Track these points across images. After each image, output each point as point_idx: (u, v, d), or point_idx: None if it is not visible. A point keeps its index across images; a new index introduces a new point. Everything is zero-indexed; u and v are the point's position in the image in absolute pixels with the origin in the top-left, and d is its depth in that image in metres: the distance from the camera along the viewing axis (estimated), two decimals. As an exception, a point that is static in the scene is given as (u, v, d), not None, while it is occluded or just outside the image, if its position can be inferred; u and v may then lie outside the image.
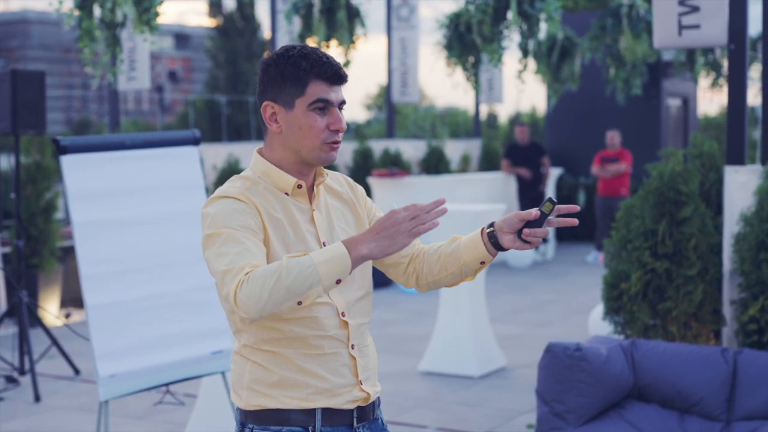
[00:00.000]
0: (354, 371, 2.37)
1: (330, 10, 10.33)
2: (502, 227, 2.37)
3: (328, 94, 2.31)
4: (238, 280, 2.12)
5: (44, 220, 8.97)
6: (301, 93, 2.30)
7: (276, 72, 2.32)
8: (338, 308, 2.35)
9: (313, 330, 2.30)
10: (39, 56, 47.68)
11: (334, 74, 2.31)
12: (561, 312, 9.38)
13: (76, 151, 4.73)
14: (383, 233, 2.16)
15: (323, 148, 2.32)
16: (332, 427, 2.34)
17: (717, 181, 5.00)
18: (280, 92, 2.32)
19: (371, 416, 2.44)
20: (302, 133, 2.31)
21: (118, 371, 4.65)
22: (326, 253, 2.13)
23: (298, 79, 2.29)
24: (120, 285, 4.72)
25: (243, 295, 2.10)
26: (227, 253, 2.18)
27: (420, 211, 2.18)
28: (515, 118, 24.50)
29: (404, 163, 13.19)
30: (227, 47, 31.94)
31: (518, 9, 10.50)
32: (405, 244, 2.17)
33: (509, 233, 2.36)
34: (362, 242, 2.15)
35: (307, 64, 2.29)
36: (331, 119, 2.32)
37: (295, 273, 2.09)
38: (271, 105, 2.34)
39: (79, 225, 4.66)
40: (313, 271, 2.10)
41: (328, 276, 2.12)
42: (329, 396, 2.33)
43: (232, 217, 2.24)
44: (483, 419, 5.88)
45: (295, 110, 2.31)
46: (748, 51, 4.99)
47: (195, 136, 5.14)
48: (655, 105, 14.79)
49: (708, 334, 4.91)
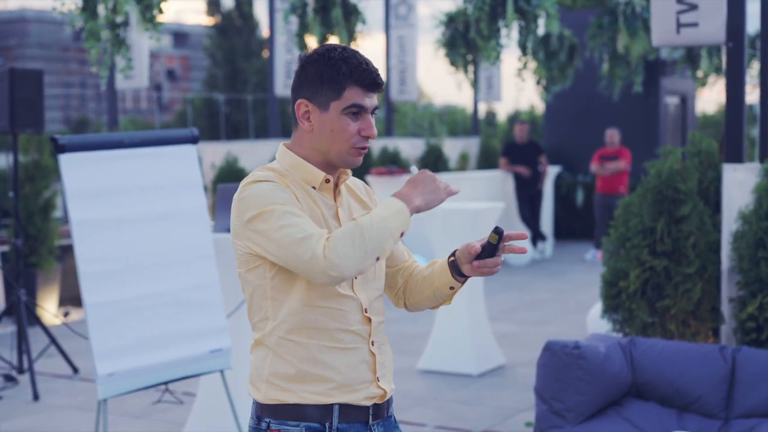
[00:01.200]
0: (372, 368, 2.40)
1: (324, 9, 10.31)
2: (460, 257, 2.44)
3: (363, 100, 2.34)
4: (323, 244, 2.19)
5: (42, 219, 8.97)
6: (337, 96, 2.33)
7: (314, 72, 2.34)
8: (362, 304, 2.38)
9: (337, 322, 2.34)
10: (37, 55, 47.64)
11: (372, 82, 2.34)
12: (559, 310, 9.38)
13: (75, 149, 4.72)
14: (426, 188, 2.28)
15: (351, 152, 2.36)
16: (348, 424, 2.36)
17: (715, 179, 5.01)
18: (317, 93, 2.34)
19: (385, 413, 2.46)
20: (333, 136, 2.34)
21: (116, 370, 4.65)
22: (388, 207, 2.25)
23: (336, 82, 2.32)
24: (118, 283, 4.72)
25: (335, 255, 2.18)
26: (294, 224, 2.22)
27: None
28: (514, 117, 24.50)
29: (403, 162, 13.19)
30: (225, 45, 31.92)
31: (515, 6, 10.49)
32: (443, 199, 2.29)
33: (466, 263, 2.42)
34: (412, 195, 2.27)
35: (346, 68, 2.31)
36: (363, 125, 2.35)
37: (375, 229, 2.21)
38: (305, 103, 2.36)
39: (78, 223, 4.66)
40: (385, 225, 2.22)
41: (397, 229, 2.24)
42: (347, 391, 2.35)
43: (278, 195, 2.27)
44: (481, 417, 5.88)
45: (329, 112, 2.34)
46: (746, 49, 4.99)
47: (193, 134, 5.13)
48: (653, 103, 14.79)
49: (706, 332, 4.91)
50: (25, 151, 8.88)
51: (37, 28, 49.09)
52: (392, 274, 2.58)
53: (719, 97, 23.23)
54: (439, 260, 2.56)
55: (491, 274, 2.39)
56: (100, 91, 37.33)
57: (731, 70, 4.98)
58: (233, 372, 5.09)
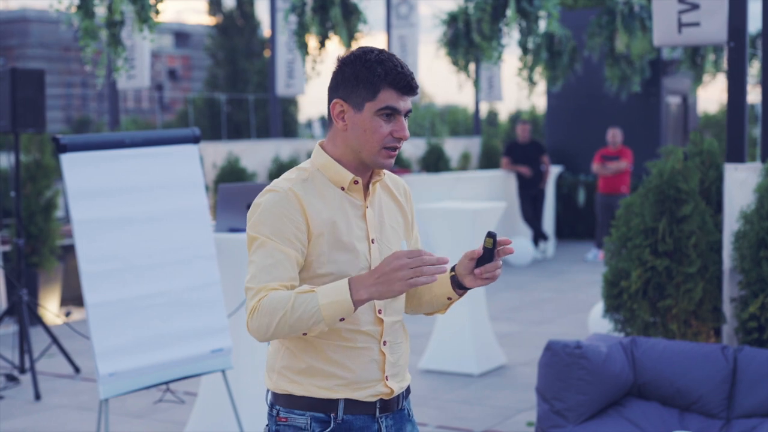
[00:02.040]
0: (382, 367, 2.44)
1: (323, 8, 10.30)
2: (460, 271, 2.46)
3: (398, 103, 2.39)
4: (252, 306, 2.30)
5: (44, 219, 8.97)
6: (372, 98, 2.38)
7: (351, 73, 2.39)
8: (376, 305, 2.43)
9: (348, 324, 2.38)
10: (38, 54, 47.65)
11: (407, 85, 2.39)
12: (561, 310, 9.38)
13: (76, 149, 4.73)
14: (382, 278, 2.25)
15: (382, 153, 2.40)
16: (354, 416, 2.43)
17: (717, 178, 5.00)
18: (352, 93, 2.39)
19: (395, 407, 2.50)
20: (366, 136, 2.39)
21: (118, 369, 4.65)
22: (331, 294, 2.25)
23: (371, 84, 2.37)
24: (120, 283, 4.72)
25: (252, 325, 2.30)
26: (254, 263, 2.34)
27: (422, 263, 2.24)
28: (516, 116, 24.49)
29: (404, 161, 13.18)
30: (227, 45, 31.91)
31: (517, 6, 10.49)
32: (400, 292, 2.25)
33: (467, 275, 2.45)
34: (364, 286, 2.26)
35: (382, 71, 2.36)
36: (396, 127, 2.40)
37: (300, 312, 2.25)
38: (340, 103, 2.41)
39: (79, 223, 4.66)
40: (316, 312, 2.25)
41: (332, 317, 2.26)
42: (353, 389, 2.41)
43: (275, 224, 2.34)
44: (483, 417, 5.88)
45: (363, 113, 2.39)
46: (747, 48, 4.98)
47: (195, 134, 5.14)
48: (654, 103, 14.79)
49: (708, 332, 4.91)
50: (27, 150, 8.88)
51: (38, 28, 49.09)
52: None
53: (721, 97, 23.24)
54: None
55: (494, 279, 2.41)
56: (102, 90, 37.35)
57: (733, 69, 4.98)
58: (234, 372, 5.09)
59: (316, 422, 2.41)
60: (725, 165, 4.89)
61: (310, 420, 2.41)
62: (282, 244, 2.33)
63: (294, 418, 2.42)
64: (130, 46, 9.81)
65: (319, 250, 2.37)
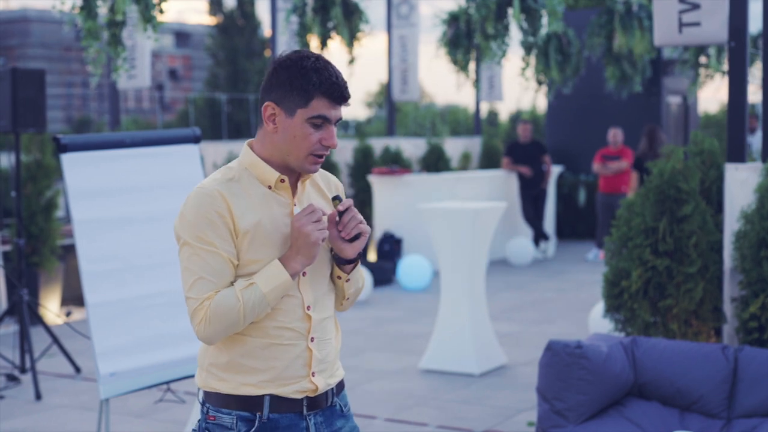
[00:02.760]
0: (308, 363, 2.47)
1: (324, 8, 10.30)
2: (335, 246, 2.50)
3: (329, 112, 2.41)
4: (201, 317, 2.37)
5: (45, 219, 8.97)
6: (304, 105, 2.40)
7: (286, 78, 2.40)
8: (304, 302, 2.47)
9: (275, 320, 2.43)
10: (39, 54, 47.66)
11: (340, 95, 2.42)
12: (561, 310, 9.38)
13: (77, 149, 4.73)
14: (298, 243, 2.39)
15: (309, 158, 2.44)
16: (280, 414, 2.45)
17: (717, 178, 5.00)
18: (285, 98, 2.41)
19: (324, 404, 2.53)
20: (295, 142, 2.42)
21: (118, 369, 4.65)
22: (271, 281, 2.37)
23: (305, 91, 2.39)
24: (121, 283, 4.72)
25: (206, 333, 2.38)
26: (191, 271, 2.40)
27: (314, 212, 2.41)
28: (516, 116, 24.49)
29: (404, 161, 13.18)
30: (227, 45, 31.92)
31: (521, 5, 10.48)
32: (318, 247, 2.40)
33: (336, 240, 2.49)
34: (291, 259, 2.40)
35: (317, 79, 2.38)
36: (325, 135, 2.43)
37: (250, 307, 2.36)
38: (272, 106, 2.43)
39: (80, 223, 4.66)
40: (263, 300, 2.37)
41: (275, 298, 2.39)
42: (278, 385, 2.44)
43: (203, 228, 2.39)
44: (483, 417, 5.88)
45: (294, 119, 2.42)
46: (748, 48, 4.98)
47: (195, 134, 5.14)
48: (655, 102, 14.78)
49: (708, 332, 4.91)
50: (27, 150, 8.88)
51: (39, 28, 49.10)
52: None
53: (721, 97, 23.22)
54: None
55: (361, 231, 2.46)
56: (102, 90, 37.32)
57: (733, 69, 4.97)
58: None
59: (241, 421, 2.44)
60: (726, 165, 4.89)
61: (236, 419, 2.44)
62: (214, 247, 2.39)
63: (221, 417, 2.45)
64: (130, 46, 9.80)
65: (245, 247, 2.41)
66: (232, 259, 2.40)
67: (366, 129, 25.04)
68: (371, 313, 9.21)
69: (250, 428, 2.43)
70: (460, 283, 6.96)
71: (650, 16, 11.35)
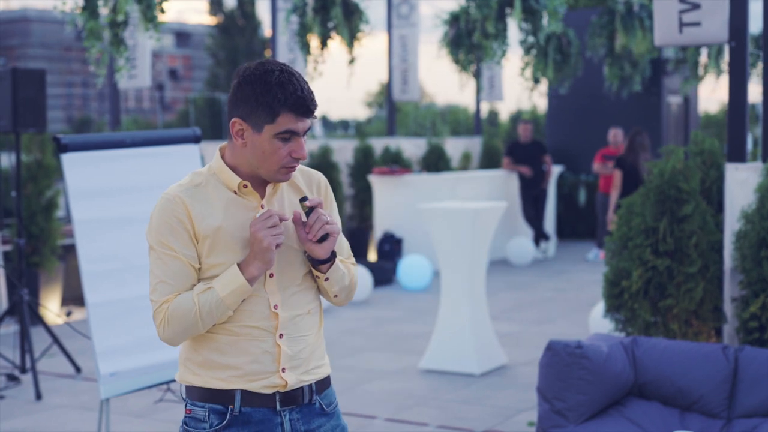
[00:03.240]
0: (276, 359, 2.48)
1: (324, 8, 10.30)
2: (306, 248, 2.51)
3: (297, 125, 2.41)
4: (161, 319, 2.43)
5: (45, 219, 8.97)
6: (271, 121, 2.41)
7: (251, 93, 2.40)
8: (270, 301, 2.48)
9: (240, 320, 2.46)
10: (39, 54, 47.66)
11: (306, 109, 2.41)
12: (562, 309, 9.38)
13: (77, 149, 4.73)
14: (254, 249, 2.40)
15: (280, 171, 2.45)
16: (253, 408, 2.48)
17: (718, 178, 5.00)
18: (251, 114, 2.41)
19: (301, 401, 2.53)
20: (264, 157, 2.43)
21: (118, 369, 4.65)
22: (228, 285, 2.40)
23: (270, 107, 2.39)
24: (121, 283, 4.72)
25: (166, 335, 2.45)
26: (154, 274, 2.45)
27: (270, 217, 2.41)
28: (516, 116, 24.49)
29: (405, 161, 13.18)
30: (228, 45, 31.95)
31: (523, 5, 10.48)
32: (272, 252, 2.40)
33: (305, 241, 2.49)
34: (249, 264, 2.41)
35: (282, 95, 2.38)
36: (294, 147, 2.43)
37: (206, 310, 2.40)
38: (239, 122, 2.44)
39: (80, 223, 4.66)
40: (221, 304, 2.41)
41: (234, 302, 2.42)
42: (248, 380, 2.47)
43: (164, 233, 2.44)
44: (483, 417, 5.88)
45: (262, 134, 2.42)
46: (749, 48, 4.98)
47: (195, 134, 5.13)
48: (655, 102, 14.78)
49: (709, 332, 4.91)
50: (28, 150, 8.88)
51: (39, 28, 49.10)
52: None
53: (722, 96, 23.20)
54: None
55: (328, 231, 2.46)
56: (103, 90, 37.33)
57: (734, 69, 4.97)
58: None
59: (214, 414, 2.48)
60: (726, 165, 4.89)
61: (208, 412, 2.48)
62: (174, 252, 2.43)
63: (196, 410, 2.51)
64: (131, 46, 9.80)
65: (206, 252, 2.44)
66: (192, 263, 2.44)
67: (366, 129, 25.05)
68: (371, 313, 9.21)
69: (222, 421, 2.47)
70: (461, 283, 6.96)
71: (651, 16, 11.35)
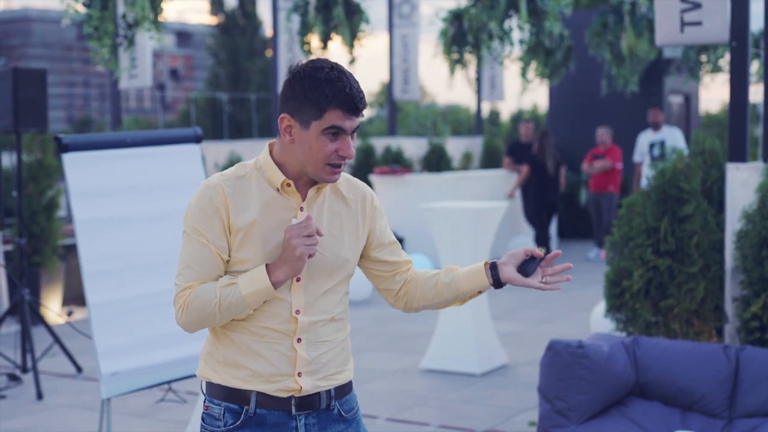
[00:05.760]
0: (293, 363, 2.47)
1: (326, 7, 10.31)
2: (504, 260, 2.60)
3: (344, 123, 2.41)
4: (181, 304, 2.44)
5: (46, 218, 8.97)
6: (318, 117, 2.40)
7: (300, 89, 2.40)
8: (293, 305, 2.47)
9: (258, 321, 2.46)
10: (40, 54, 47.67)
11: (354, 107, 2.40)
12: (563, 309, 9.38)
13: (78, 149, 4.73)
14: (285, 255, 2.39)
15: (326, 169, 2.44)
16: (268, 411, 2.48)
17: (719, 178, 5.00)
18: (299, 110, 2.41)
19: (318, 406, 2.52)
20: (311, 153, 2.42)
21: (120, 369, 4.65)
22: (253, 284, 2.39)
23: (318, 104, 2.39)
24: (122, 283, 4.72)
25: (183, 320, 2.46)
26: (182, 258, 2.46)
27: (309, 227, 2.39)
28: (517, 116, 24.48)
29: (406, 161, 13.18)
30: (229, 45, 31.92)
31: (528, 5, 10.48)
32: (303, 262, 2.38)
33: (511, 265, 2.58)
34: (277, 268, 2.40)
35: (330, 91, 2.37)
36: (341, 145, 2.42)
37: (227, 304, 2.40)
38: (288, 118, 2.44)
39: (81, 223, 4.66)
40: (242, 302, 2.40)
41: (256, 302, 2.41)
42: (263, 381, 2.46)
43: (199, 219, 2.45)
44: (485, 417, 5.88)
45: (309, 130, 2.41)
46: (750, 48, 4.98)
47: (196, 133, 5.14)
48: (656, 102, 14.77)
49: (710, 332, 4.91)
50: (29, 150, 8.88)
51: (40, 28, 49.11)
52: (389, 278, 2.67)
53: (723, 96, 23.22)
54: (460, 267, 2.67)
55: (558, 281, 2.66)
56: (104, 90, 37.30)
57: (735, 69, 4.97)
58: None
59: (229, 413, 2.48)
60: (727, 164, 4.88)
61: (224, 410, 2.48)
62: (205, 239, 2.43)
63: (212, 407, 2.51)
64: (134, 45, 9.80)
65: (236, 246, 2.44)
66: (222, 254, 2.44)
67: (367, 129, 25.03)
68: (372, 312, 9.21)
69: (237, 420, 2.47)
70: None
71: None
